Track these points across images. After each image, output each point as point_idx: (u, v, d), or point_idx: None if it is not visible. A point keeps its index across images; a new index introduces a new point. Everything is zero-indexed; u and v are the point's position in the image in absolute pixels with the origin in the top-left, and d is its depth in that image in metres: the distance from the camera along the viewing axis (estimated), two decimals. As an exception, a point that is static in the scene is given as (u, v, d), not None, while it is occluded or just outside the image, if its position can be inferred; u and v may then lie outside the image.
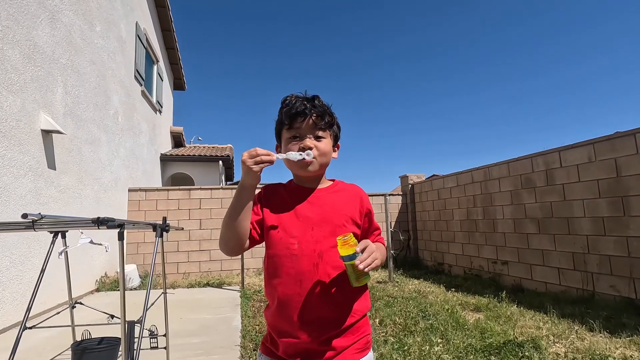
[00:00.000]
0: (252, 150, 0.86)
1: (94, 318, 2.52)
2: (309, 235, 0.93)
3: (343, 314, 0.92)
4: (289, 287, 0.91)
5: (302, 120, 0.97)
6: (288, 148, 0.97)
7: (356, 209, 1.02)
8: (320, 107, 0.99)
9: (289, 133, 0.99)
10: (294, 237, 0.93)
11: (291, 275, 0.91)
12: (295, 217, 0.96)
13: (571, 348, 2.70)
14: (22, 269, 3.62)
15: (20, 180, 3.60)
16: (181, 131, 11.39)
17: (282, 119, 1.00)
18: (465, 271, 6.05)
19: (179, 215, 6.64)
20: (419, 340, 2.92)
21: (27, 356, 2.69)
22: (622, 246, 3.71)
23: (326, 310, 0.90)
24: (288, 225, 0.95)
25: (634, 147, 3.62)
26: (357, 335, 0.94)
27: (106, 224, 1.47)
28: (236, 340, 3.03)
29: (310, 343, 0.89)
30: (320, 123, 0.98)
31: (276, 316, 0.93)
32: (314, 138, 0.98)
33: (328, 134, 1.01)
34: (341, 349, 0.90)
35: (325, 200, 1.00)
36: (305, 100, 0.99)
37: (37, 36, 3.92)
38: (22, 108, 3.66)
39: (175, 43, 10.46)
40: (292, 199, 0.99)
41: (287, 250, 0.93)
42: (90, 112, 5.20)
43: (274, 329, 0.94)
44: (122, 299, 1.52)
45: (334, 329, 0.90)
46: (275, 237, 0.95)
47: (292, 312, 0.90)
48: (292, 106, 0.98)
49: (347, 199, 1.03)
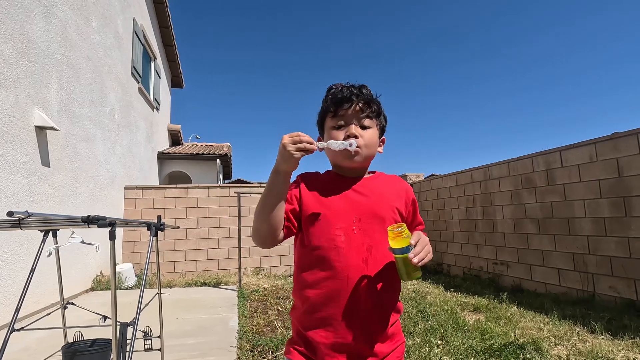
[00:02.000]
0: (294, 135, 0.78)
1: (87, 319, 2.46)
2: (356, 226, 0.87)
3: (387, 314, 0.87)
4: (334, 283, 0.84)
5: (348, 107, 0.91)
6: (331, 136, 0.92)
7: (402, 200, 0.97)
8: (369, 95, 0.94)
9: (333, 121, 0.93)
10: (340, 229, 0.86)
11: (337, 269, 0.84)
12: (340, 206, 0.89)
13: (573, 350, 2.66)
14: (15, 268, 3.55)
15: (13, 177, 3.53)
16: (179, 129, 11.30)
17: (327, 105, 0.94)
18: (464, 271, 6.02)
19: (175, 213, 6.57)
20: (418, 341, 2.87)
21: (18, 357, 2.63)
22: (624, 247, 3.68)
23: (372, 309, 0.84)
24: (332, 215, 0.88)
25: (637, 147, 3.58)
26: (394, 342, 0.89)
27: (97, 223, 1.41)
28: (233, 341, 2.98)
29: (354, 345, 0.83)
30: (367, 111, 0.92)
31: (314, 315, 0.85)
32: (360, 127, 0.92)
33: (375, 124, 0.95)
34: (382, 356, 0.85)
35: (372, 189, 0.93)
36: (352, 87, 0.94)
37: (31, 30, 3.85)
38: (16, 103, 3.58)
39: (173, 40, 10.36)
40: (335, 188, 0.92)
41: (332, 242, 0.85)
42: (85, 109, 5.12)
43: (309, 328, 0.86)
44: (113, 301, 1.46)
45: (379, 330, 0.85)
46: (318, 228, 0.87)
47: (336, 310, 0.83)
48: (339, 92, 0.92)
49: (392, 189, 0.97)
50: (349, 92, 0.92)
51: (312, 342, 0.85)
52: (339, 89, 0.94)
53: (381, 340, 0.85)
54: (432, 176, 7.89)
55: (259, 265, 6.78)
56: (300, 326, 0.88)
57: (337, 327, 0.83)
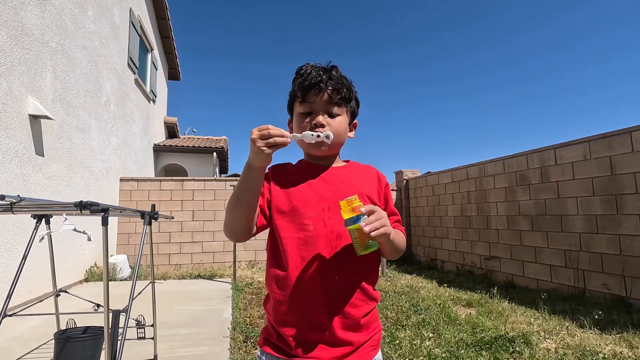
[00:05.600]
0: (263, 128, 0.74)
1: (80, 307, 2.46)
2: (325, 215, 0.85)
3: (363, 302, 0.85)
4: (304, 274, 0.82)
5: (316, 94, 0.87)
6: (300, 125, 0.90)
7: (374, 189, 0.94)
8: (338, 80, 0.89)
9: (302, 107, 0.90)
10: (309, 218, 0.84)
11: (307, 260, 0.82)
12: (308, 196, 0.87)
13: (562, 344, 2.70)
14: (8, 257, 3.54)
15: (6, 166, 3.50)
16: (175, 122, 11.24)
17: (295, 90, 0.90)
18: (457, 267, 6.06)
19: (171, 206, 6.56)
20: (410, 334, 2.91)
21: (11, 345, 2.63)
22: (615, 244, 3.72)
23: (346, 298, 0.83)
24: (301, 205, 0.86)
25: (630, 145, 3.61)
26: (370, 330, 0.87)
27: (89, 209, 1.41)
28: (226, 332, 2.99)
29: (327, 334, 0.81)
30: (337, 98, 0.88)
31: (286, 308, 0.83)
32: (328, 115, 0.89)
33: (344, 110, 0.92)
34: (358, 345, 0.84)
35: (340, 178, 0.91)
36: (321, 70, 0.89)
37: (25, 17, 3.80)
38: (9, 91, 3.55)
39: (170, 32, 10.27)
40: (304, 177, 0.90)
41: (301, 233, 0.84)
42: (80, 99, 5.08)
43: (282, 323, 0.84)
44: (105, 286, 1.46)
45: (354, 318, 0.83)
46: (287, 219, 0.86)
47: (308, 302, 0.81)
48: (307, 77, 0.87)
49: (364, 178, 0.95)
50: (317, 78, 0.87)
51: (283, 333, 0.84)
52: (307, 72, 0.88)
53: (355, 329, 0.84)
54: (428, 173, 7.92)
55: (254, 259, 6.79)
56: (273, 319, 0.86)
57: (308, 318, 0.82)
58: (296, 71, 0.92)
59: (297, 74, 0.91)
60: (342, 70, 0.93)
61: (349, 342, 0.82)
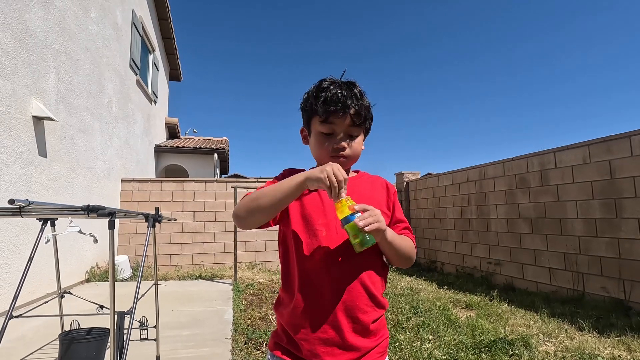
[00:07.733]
0: (339, 173, 0.77)
1: (83, 308, 2.48)
2: (337, 222, 0.87)
3: (372, 308, 0.87)
4: (315, 279, 0.85)
5: (338, 117, 0.88)
6: (322, 145, 0.91)
7: (383, 198, 0.98)
8: (359, 101, 0.90)
9: (323, 128, 0.90)
10: (321, 225, 0.88)
11: (319, 265, 0.85)
12: (321, 203, 0.91)
13: (561, 347, 2.73)
14: (11, 257, 3.56)
15: (10, 167, 3.53)
16: (176, 122, 11.26)
17: (317, 109, 0.89)
18: (457, 269, 6.09)
19: (172, 207, 6.58)
20: (410, 336, 2.93)
21: (15, 345, 2.65)
22: (614, 248, 3.74)
23: (356, 303, 0.85)
24: (314, 212, 0.90)
25: (629, 149, 3.64)
26: (379, 337, 0.89)
27: (96, 212, 1.44)
28: (228, 333, 3.01)
29: (339, 340, 0.83)
30: (358, 121, 0.90)
31: (297, 312, 0.85)
32: (349, 137, 0.91)
33: (362, 130, 0.95)
34: (367, 350, 0.86)
35: (352, 188, 0.93)
36: (344, 90, 0.89)
37: (29, 20, 3.82)
38: (13, 93, 3.57)
39: (172, 33, 10.30)
40: None
41: (314, 239, 0.87)
42: (83, 100, 5.10)
43: (292, 327, 0.86)
44: (111, 289, 1.49)
45: (364, 324, 0.85)
46: (301, 225, 0.89)
47: (319, 306, 0.84)
48: (330, 98, 0.88)
49: (373, 187, 0.99)
50: (342, 97, 0.88)
51: (294, 338, 0.86)
52: (331, 92, 0.88)
53: (365, 334, 0.86)
54: (428, 175, 7.94)
55: (255, 260, 6.81)
56: (284, 322, 0.89)
57: (319, 322, 0.84)
58: (317, 86, 0.93)
59: (319, 88, 0.92)
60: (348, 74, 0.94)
61: (358, 347, 0.85)
